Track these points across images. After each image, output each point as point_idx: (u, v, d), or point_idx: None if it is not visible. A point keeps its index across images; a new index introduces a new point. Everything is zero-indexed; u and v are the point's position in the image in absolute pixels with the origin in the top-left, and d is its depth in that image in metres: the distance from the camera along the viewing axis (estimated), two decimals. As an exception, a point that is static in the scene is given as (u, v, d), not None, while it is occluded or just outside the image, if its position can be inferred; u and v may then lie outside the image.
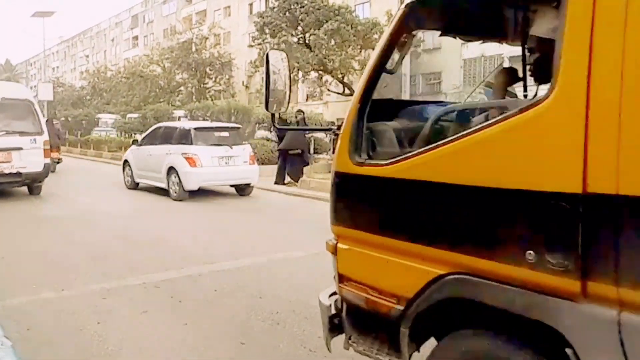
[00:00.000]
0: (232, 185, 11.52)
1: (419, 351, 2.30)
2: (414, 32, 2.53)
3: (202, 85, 43.08)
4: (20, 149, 10.06)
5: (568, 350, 1.71)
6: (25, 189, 10.95)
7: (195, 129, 11.16)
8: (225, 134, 11.14)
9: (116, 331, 3.97)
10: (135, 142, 13.42)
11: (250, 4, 46.60)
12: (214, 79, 43.80)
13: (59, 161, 14.60)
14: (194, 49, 42.30)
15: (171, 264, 5.74)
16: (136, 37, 63.96)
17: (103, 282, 5.14)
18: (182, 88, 43.48)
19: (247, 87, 45.44)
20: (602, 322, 1.63)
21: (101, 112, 40.59)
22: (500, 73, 2.67)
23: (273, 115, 2.69)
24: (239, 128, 12.77)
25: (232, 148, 10.95)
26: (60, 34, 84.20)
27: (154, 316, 4.31)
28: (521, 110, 1.82)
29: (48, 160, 10.58)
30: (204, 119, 22.35)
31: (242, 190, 11.49)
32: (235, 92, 43.81)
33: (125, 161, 12.81)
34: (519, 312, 1.83)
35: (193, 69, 42.04)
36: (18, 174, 10.06)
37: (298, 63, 30.88)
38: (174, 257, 6.07)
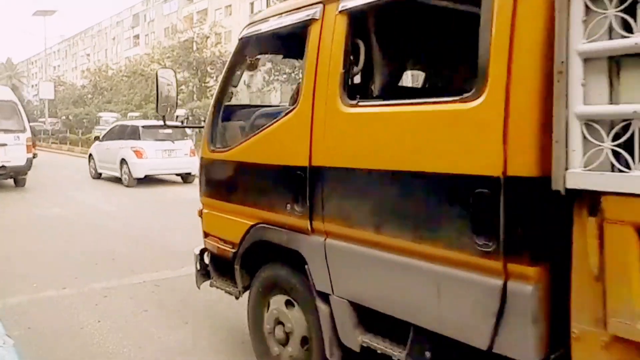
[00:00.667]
0: (177, 174, 13.81)
1: (250, 285, 3.23)
2: (250, 57, 3.47)
3: (203, 84, 43.06)
4: (5, 145, 11.35)
5: (306, 267, 2.69)
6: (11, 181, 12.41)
7: (142, 126, 13.51)
8: (169, 130, 12.68)
9: (117, 330, 3.96)
10: (97, 138, 16.60)
11: (252, 3, 46.59)
12: (215, 78, 43.78)
13: (34, 156, 16.54)
14: (195, 47, 42.28)
15: (171, 263, 5.69)
16: (137, 36, 63.96)
17: (103, 280, 5.14)
18: (183, 87, 43.45)
19: (248, 86, 45.42)
20: (319, 245, 2.59)
21: (102, 110, 40.58)
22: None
23: (164, 116, 3.62)
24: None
25: (174, 143, 13.19)
26: (61, 33, 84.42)
27: (154, 315, 4.29)
28: (286, 113, 2.82)
29: (30, 155, 11.90)
30: (204, 119, 22.41)
31: (185, 178, 13.71)
32: (237, 91, 43.75)
33: (90, 155, 15.38)
34: (286, 245, 2.82)
35: (194, 68, 42.01)
36: (3, 167, 11.42)
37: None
38: (174, 255, 6.00)
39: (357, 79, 2.80)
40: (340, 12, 2.46)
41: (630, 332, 1.57)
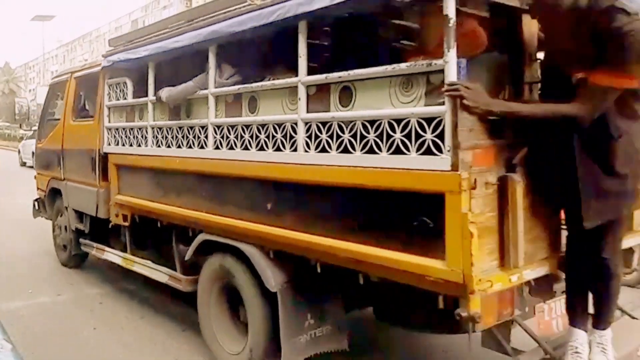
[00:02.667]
0: None
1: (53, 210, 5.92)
2: (58, 94, 5.92)
3: (204, 90, 42.93)
4: None
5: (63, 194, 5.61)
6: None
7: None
8: None
9: (113, 337, 3.92)
10: (21, 138, 21.33)
11: (255, 9, 46.65)
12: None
13: None
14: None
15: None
16: (137, 42, 63.91)
17: (99, 286, 5.11)
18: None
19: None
20: (65, 185, 5.46)
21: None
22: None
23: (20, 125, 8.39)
24: None
25: None
26: (59, 38, 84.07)
27: (151, 322, 4.20)
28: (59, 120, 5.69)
29: None
30: None
31: None
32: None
33: (19, 150, 20.31)
34: (57, 187, 5.64)
35: (195, 74, 41.89)
36: None
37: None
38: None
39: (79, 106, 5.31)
40: (74, 78, 5.35)
41: None
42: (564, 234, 2.43)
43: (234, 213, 3.16)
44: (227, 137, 3.18)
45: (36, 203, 6.36)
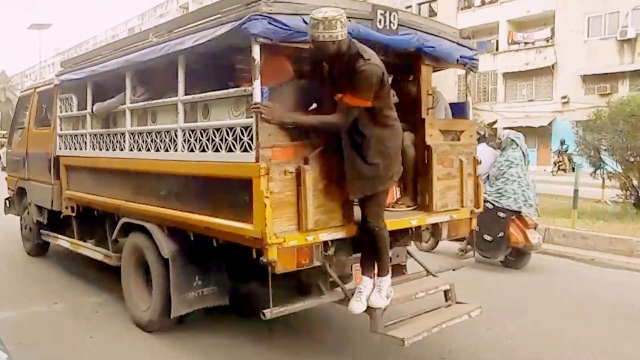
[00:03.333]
0: None
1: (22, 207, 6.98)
2: (25, 106, 6.97)
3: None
4: None
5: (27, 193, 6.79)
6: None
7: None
8: None
9: (109, 346, 3.90)
10: (2, 145, 23.18)
11: (247, 18, 47.72)
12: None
13: None
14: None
15: None
16: (133, 50, 64.96)
17: (95, 295, 5.10)
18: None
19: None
20: (29, 184, 6.62)
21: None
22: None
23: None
24: None
25: None
26: (56, 46, 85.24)
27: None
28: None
29: None
30: None
31: None
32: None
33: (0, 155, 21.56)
34: (23, 186, 6.80)
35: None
36: None
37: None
38: None
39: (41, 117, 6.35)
40: (37, 92, 6.47)
41: None
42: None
43: (142, 200, 4.20)
44: (137, 142, 4.27)
45: (7, 201, 7.47)
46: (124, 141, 4.40)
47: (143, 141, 4.16)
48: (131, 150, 4.31)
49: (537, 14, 28.47)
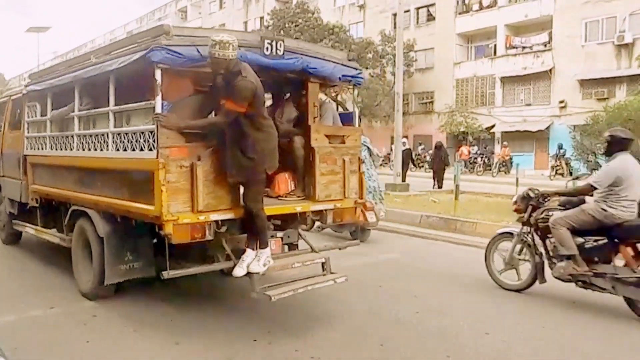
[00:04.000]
0: None
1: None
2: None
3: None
4: None
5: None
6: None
7: None
8: None
9: (106, 350, 3.98)
10: None
11: (245, 22, 48.77)
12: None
13: None
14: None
15: (161, 282, 5.73)
16: (132, 53, 66.57)
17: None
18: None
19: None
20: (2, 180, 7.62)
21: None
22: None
23: None
24: None
25: None
26: (54, 49, 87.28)
27: (144, 335, 4.30)
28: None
29: None
30: None
31: None
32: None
33: None
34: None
35: (186, 86, 44.07)
36: None
37: (292, 81, 32.69)
38: None
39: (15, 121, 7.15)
40: (11, 99, 7.34)
41: None
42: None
43: (85, 190, 5.20)
44: (82, 143, 5.25)
45: None
46: (73, 142, 5.40)
47: (86, 142, 5.18)
48: (77, 150, 5.31)
49: (535, 18, 29.07)
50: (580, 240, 4.93)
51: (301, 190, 5.05)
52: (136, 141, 4.42)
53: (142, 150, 4.34)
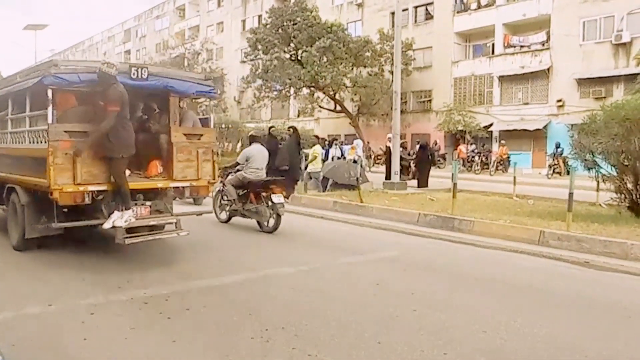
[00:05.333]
0: None
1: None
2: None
3: (193, 100, 44.95)
4: None
5: None
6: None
7: None
8: None
9: (103, 348, 3.98)
10: None
11: (243, 21, 48.79)
12: (205, 94, 45.73)
13: None
14: (186, 63, 44.30)
15: (160, 279, 5.79)
16: (128, 51, 66.11)
17: (90, 297, 5.18)
18: (173, 103, 45.38)
19: (238, 102, 47.34)
20: None
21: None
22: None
23: None
24: None
25: None
26: (52, 47, 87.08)
27: (142, 333, 4.30)
28: None
29: None
30: None
31: None
32: (227, 107, 45.65)
33: None
34: None
35: (184, 84, 43.99)
36: None
37: (290, 80, 32.44)
38: (162, 272, 6.17)
39: None
40: None
41: None
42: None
43: (14, 172, 7.11)
44: (13, 138, 7.20)
45: None
46: (8, 137, 7.38)
47: (16, 138, 7.10)
48: (10, 143, 7.28)
49: (533, 17, 29.11)
50: (238, 191, 9.25)
51: (166, 173, 6.96)
52: (40, 137, 6.35)
53: (41, 143, 6.30)
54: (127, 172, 6.64)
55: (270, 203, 8.76)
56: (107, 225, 6.19)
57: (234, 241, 8.47)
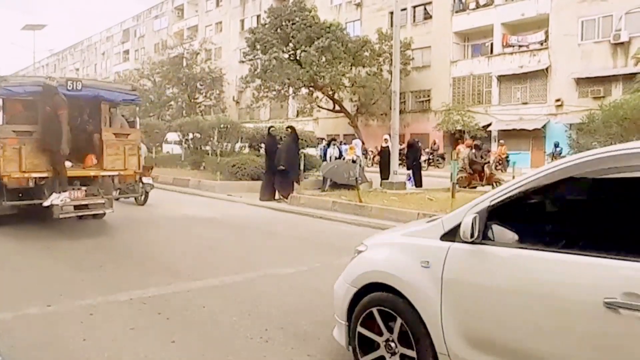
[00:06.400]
0: None
1: None
2: None
3: (192, 100, 44.91)
4: None
5: None
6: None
7: None
8: None
9: (102, 348, 3.95)
10: None
11: (242, 20, 48.77)
12: (204, 94, 45.68)
13: None
14: (184, 63, 44.20)
15: (159, 280, 5.77)
16: (127, 51, 66.12)
17: (89, 297, 5.14)
18: (172, 102, 45.32)
19: (237, 102, 47.32)
20: None
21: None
22: None
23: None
24: None
25: None
26: (50, 47, 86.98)
27: (141, 333, 4.28)
28: None
29: None
30: (194, 135, 23.52)
31: None
32: (226, 107, 45.61)
33: None
34: None
35: (183, 84, 43.87)
36: None
37: (289, 79, 32.45)
38: (161, 272, 6.14)
39: None
40: None
41: None
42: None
43: None
44: None
45: None
46: None
47: None
48: None
49: (532, 17, 29.10)
50: None
51: (99, 164, 8.75)
52: None
53: None
54: (69, 163, 8.34)
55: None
56: (46, 203, 7.85)
57: (234, 241, 8.46)
